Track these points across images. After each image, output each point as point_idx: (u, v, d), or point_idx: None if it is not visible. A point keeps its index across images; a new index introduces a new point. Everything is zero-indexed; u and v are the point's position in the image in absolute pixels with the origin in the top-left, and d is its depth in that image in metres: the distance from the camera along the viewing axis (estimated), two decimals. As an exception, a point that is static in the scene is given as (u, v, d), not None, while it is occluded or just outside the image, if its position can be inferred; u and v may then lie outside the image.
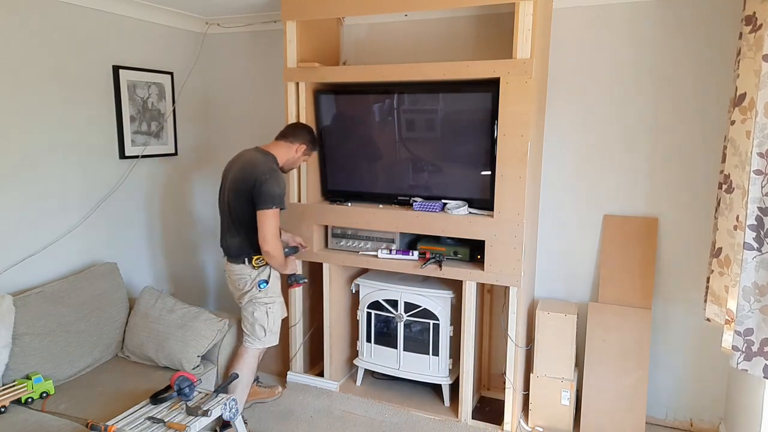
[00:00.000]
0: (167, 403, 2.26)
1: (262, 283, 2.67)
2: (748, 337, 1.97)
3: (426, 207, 2.82)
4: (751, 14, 2.06)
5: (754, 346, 1.97)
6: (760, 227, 1.90)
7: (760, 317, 1.95)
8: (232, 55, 3.77)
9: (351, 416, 3.00)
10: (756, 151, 1.89)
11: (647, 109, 2.78)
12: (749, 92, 2.08)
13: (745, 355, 1.99)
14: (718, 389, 2.82)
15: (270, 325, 2.73)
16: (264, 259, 2.65)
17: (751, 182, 1.90)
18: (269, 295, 2.71)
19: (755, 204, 1.90)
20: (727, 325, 2.19)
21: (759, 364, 1.96)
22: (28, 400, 2.38)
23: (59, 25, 2.82)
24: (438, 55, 3.12)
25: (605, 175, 2.91)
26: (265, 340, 2.74)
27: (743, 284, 1.95)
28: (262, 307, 2.69)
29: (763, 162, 1.88)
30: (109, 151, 3.17)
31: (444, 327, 2.96)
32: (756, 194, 1.90)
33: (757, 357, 1.96)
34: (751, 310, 1.96)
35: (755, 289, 1.94)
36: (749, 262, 1.93)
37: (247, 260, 2.64)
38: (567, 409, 2.82)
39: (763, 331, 1.94)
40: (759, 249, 1.92)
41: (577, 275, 3.04)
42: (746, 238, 1.93)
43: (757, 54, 1.97)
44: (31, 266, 2.75)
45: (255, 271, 2.67)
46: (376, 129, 3.00)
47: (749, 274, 1.94)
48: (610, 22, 2.78)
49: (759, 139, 1.88)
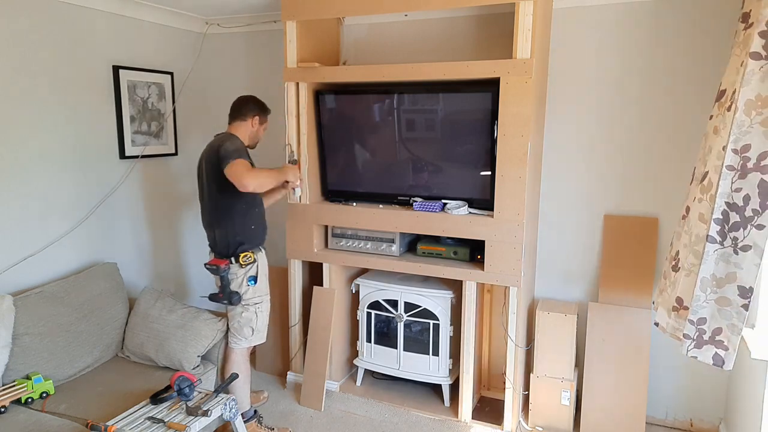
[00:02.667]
0: (167, 403, 2.26)
1: (251, 279, 2.66)
2: (700, 326, 2.04)
3: (426, 207, 2.82)
4: (747, 12, 2.06)
5: (705, 335, 2.03)
6: (725, 222, 1.94)
7: (714, 308, 2.00)
8: (232, 55, 3.77)
9: (351, 416, 3.00)
10: (731, 147, 1.90)
11: (647, 109, 2.78)
12: (729, 88, 2.08)
13: (695, 343, 2.05)
14: (718, 389, 2.82)
15: (258, 325, 2.72)
16: (251, 257, 2.63)
17: (722, 177, 1.92)
18: (258, 294, 2.69)
19: (723, 198, 1.93)
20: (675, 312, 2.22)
21: (709, 352, 2.03)
22: (28, 400, 2.38)
23: (59, 25, 2.82)
24: (438, 55, 3.12)
25: (605, 175, 2.91)
26: (252, 339, 2.73)
27: (701, 275, 2.00)
28: (251, 308, 2.68)
29: (736, 158, 1.90)
30: (109, 151, 3.17)
31: (444, 327, 2.96)
32: (725, 189, 1.92)
33: (708, 345, 2.03)
34: (707, 301, 2.01)
35: (713, 281, 1.99)
36: (710, 254, 1.98)
37: (234, 259, 2.63)
38: (567, 409, 2.82)
39: (717, 320, 2.00)
40: (721, 243, 1.96)
41: (577, 275, 3.04)
42: (710, 231, 1.96)
43: (744, 50, 1.98)
44: (31, 266, 2.75)
45: (242, 270, 2.65)
46: (376, 129, 3.00)
47: (708, 266, 1.99)
48: (610, 22, 2.78)
49: (735, 135, 1.89)
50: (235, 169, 2.43)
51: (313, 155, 3.08)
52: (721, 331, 2.00)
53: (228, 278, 2.62)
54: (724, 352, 1.99)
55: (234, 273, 2.64)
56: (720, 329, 2.00)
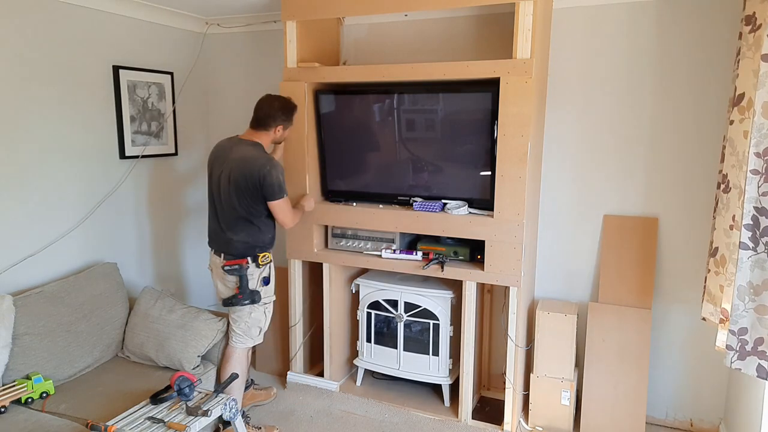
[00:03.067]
0: (167, 403, 2.26)
1: (265, 280, 2.68)
2: (742, 337, 1.98)
3: (426, 207, 2.82)
4: (751, 14, 2.06)
5: (747, 346, 1.97)
6: (756, 227, 1.90)
7: (754, 317, 1.95)
8: (232, 55, 3.77)
9: (351, 416, 3.00)
10: (753, 151, 1.89)
11: (647, 109, 2.78)
12: (748, 92, 2.09)
13: (738, 354, 1.99)
14: (718, 389, 2.82)
15: (266, 326, 2.75)
16: (269, 257, 2.69)
17: (747, 182, 1.90)
18: (267, 294, 2.72)
19: (751, 203, 1.91)
20: (722, 324, 2.20)
21: (752, 363, 1.97)
22: (28, 400, 2.38)
23: (59, 25, 2.82)
24: (438, 55, 3.12)
25: (605, 175, 2.91)
26: (257, 338, 2.76)
27: (738, 284, 1.95)
28: (260, 308, 2.69)
29: (760, 162, 1.88)
30: (109, 151, 3.17)
31: (444, 327, 2.96)
32: (752, 194, 1.90)
33: (751, 356, 1.97)
34: (746, 310, 1.96)
35: (750, 288, 1.94)
36: (744, 261, 1.94)
37: (251, 259, 2.63)
38: (567, 409, 2.82)
39: (757, 330, 1.95)
40: (754, 249, 1.92)
41: (577, 275, 3.04)
42: (742, 238, 1.93)
43: (756, 54, 1.97)
44: (31, 266, 2.75)
45: (258, 270, 2.66)
46: (376, 129, 3.00)
47: (744, 274, 1.94)
48: (610, 22, 2.78)
49: (756, 138, 1.88)
50: (285, 210, 2.64)
51: (313, 155, 3.08)
52: (763, 341, 1.93)
53: (247, 278, 2.63)
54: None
55: (251, 273, 2.65)
56: (762, 339, 1.93)
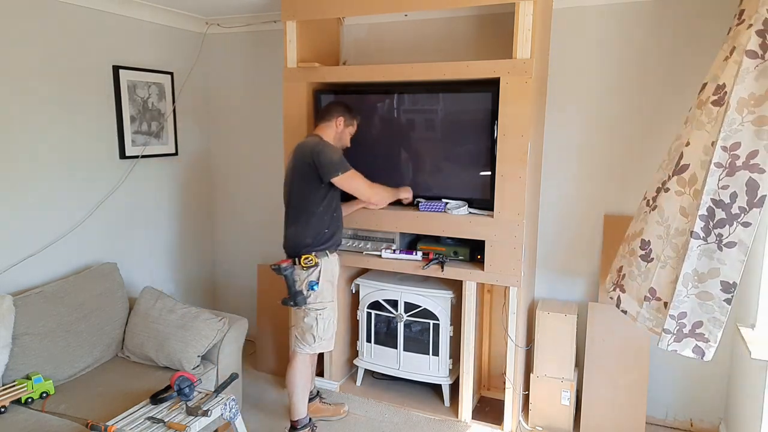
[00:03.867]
0: (167, 403, 2.25)
1: (313, 284, 2.58)
2: (681, 320, 2.06)
3: (431, 207, 2.82)
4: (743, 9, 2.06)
5: (685, 329, 2.05)
6: (710, 218, 1.95)
7: (696, 302, 2.02)
8: (232, 55, 3.77)
9: (351, 416, 3.00)
10: (720, 144, 1.91)
11: (647, 109, 2.78)
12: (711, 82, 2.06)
13: (675, 337, 2.07)
14: (718, 389, 2.82)
15: (320, 332, 2.63)
16: (313, 260, 2.57)
17: (709, 174, 1.93)
18: (319, 300, 2.60)
19: (709, 195, 1.94)
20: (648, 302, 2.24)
21: (689, 344, 2.05)
22: (28, 400, 2.38)
23: (59, 25, 2.82)
24: (438, 55, 3.12)
25: (605, 175, 2.91)
26: (315, 346, 2.65)
27: (684, 271, 2.02)
28: (312, 313, 2.61)
29: (725, 156, 1.90)
30: (109, 151, 3.17)
31: (444, 327, 2.96)
32: (712, 186, 1.94)
33: (688, 338, 2.05)
34: (688, 296, 2.03)
35: (695, 276, 2.01)
36: (693, 250, 1.99)
37: (297, 259, 2.57)
38: (567, 409, 2.82)
39: (697, 314, 2.03)
40: (705, 239, 1.98)
41: (577, 275, 3.04)
42: (694, 228, 1.97)
43: (730, 45, 1.99)
44: (31, 266, 2.75)
45: (304, 272, 2.58)
46: (376, 129, 3.00)
47: (691, 262, 2.01)
48: (610, 22, 2.78)
49: (726, 132, 1.90)
50: (358, 181, 2.60)
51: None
52: (701, 325, 2.02)
53: (292, 278, 2.57)
54: (705, 344, 2.02)
55: (297, 275, 2.59)
56: (701, 323, 2.02)
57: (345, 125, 2.71)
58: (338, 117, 2.68)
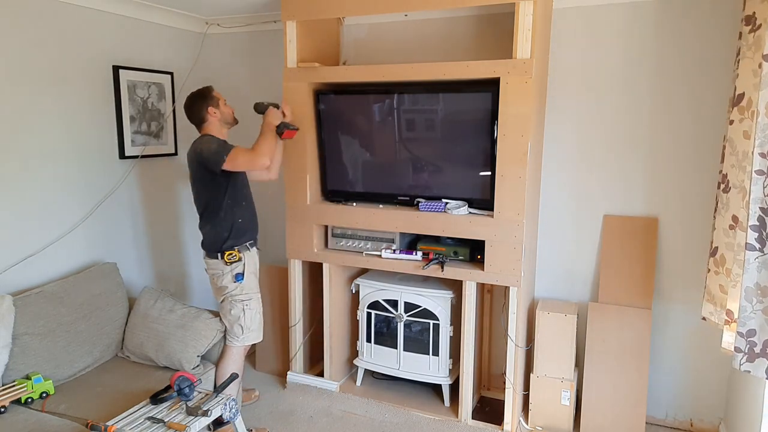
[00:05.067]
0: (167, 403, 2.26)
1: (239, 277, 2.68)
2: (750, 339, 1.97)
3: (431, 207, 2.81)
4: (750, 14, 2.06)
5: (756, 348, 1.96)
6: (762, 227, 1.89)
7: (762, 318, 1.93)
8: (232, 55, 3.77)
9: (351, 416, 3.00)
10: (758, 151, 1.88)
11: (647, 109, 2.78)
12: (748, 92, 2.08)
13: (747, 357, 1.98)
14: (718, 389, 2.82)
15: (248, 323, 2.73)
16: (236, 255, 2.65)
17: (753, 182, 1.89)
18: (245, 291, 2.71)
19: (757, 204, 1.89)
20: (727, 325, 2.19)
21: (762, 366, 1.95)
22: (28, 400, 2.38)
23: (59, 25, 2.82)
24: (438, 55, 3.12)
25: (605, 175, 2.91)
26: (244, 338, 2.74)
27: (745, 285, 1.94)
28: (238, 305, 2.70)
29: (764, 162, 1.87)
30: (109, 151, 3.17)
31: (444, 327, 2.96)
32: (758, 194, 1.89)
33: (760, 358, 1.96)
34: (754, 311, 1.95)
35: (757, 290, 1.93)
36: (751, 262, 1.92)
37: (220, 255, 2.66)
38: (567, 409, 2.82)
39: (766, 332, 1.93)
40: (761, 249, 1.91)
41: (577, 275, 3.04)
42: (748, 239, 1.91)
43: (757, 54, 1.97)
44: (31, 266, 2.75)
45: (228, 267, 2.67)
46: (376, 129, 3.00)
47: (751, 275, 1.93)
48: (610, 22, 2.78)
49: (761, 139, 1.88)
50: (241, 158, 2.54)
51: (312, 155, 3.08)
52: None
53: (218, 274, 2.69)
54: None
55: (220, 269, 2.68)
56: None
57: (215, 107, 2.71)
58: (207, 109, 2.69)
